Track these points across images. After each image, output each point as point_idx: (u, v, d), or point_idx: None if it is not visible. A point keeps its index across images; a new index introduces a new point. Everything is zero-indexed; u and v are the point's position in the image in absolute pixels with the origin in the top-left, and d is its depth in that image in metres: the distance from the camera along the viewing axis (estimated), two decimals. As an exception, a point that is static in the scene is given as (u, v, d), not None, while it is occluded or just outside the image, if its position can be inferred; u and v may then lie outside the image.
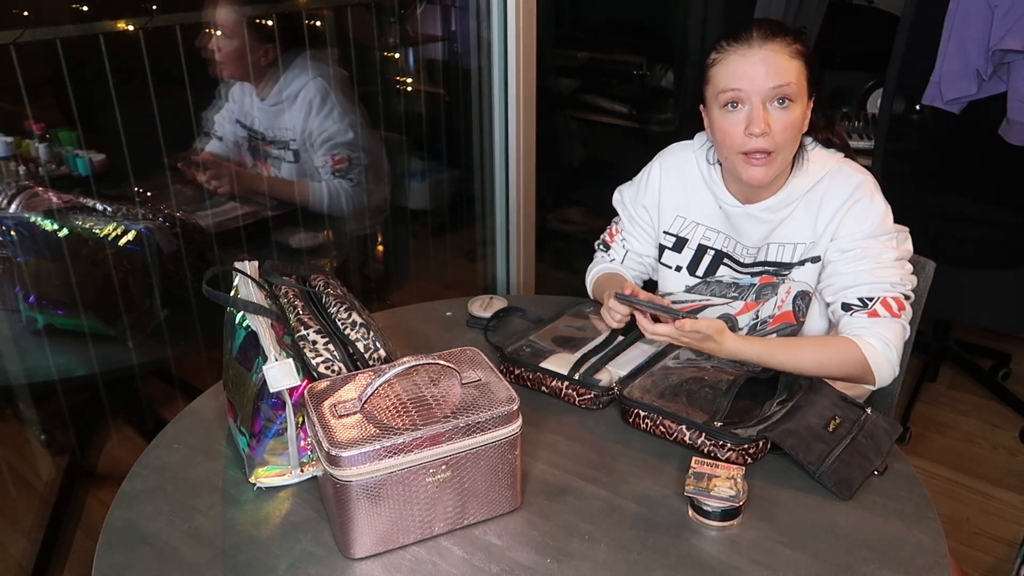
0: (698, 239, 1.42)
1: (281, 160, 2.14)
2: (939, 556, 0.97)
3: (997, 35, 2.05)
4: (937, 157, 2.42)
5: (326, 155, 2.09)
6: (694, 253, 1.43)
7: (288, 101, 2.08)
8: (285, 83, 2.07)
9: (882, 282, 1.25)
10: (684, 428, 1.14)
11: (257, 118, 2.14)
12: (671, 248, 1.45)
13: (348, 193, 2.12)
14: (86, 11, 1.90)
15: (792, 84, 1.22)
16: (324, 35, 2.23)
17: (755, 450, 1.11)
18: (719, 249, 1.41)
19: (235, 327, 1.11)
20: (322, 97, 2.07)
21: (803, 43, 1.25)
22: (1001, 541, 2.08)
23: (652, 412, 1.17)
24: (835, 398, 1.20)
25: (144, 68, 1.73)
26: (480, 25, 2.20)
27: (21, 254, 1.55)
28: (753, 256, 1.37)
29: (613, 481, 1.09)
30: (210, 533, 1.01)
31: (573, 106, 3.45)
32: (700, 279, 1.42)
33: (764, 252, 1.36)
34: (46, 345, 1.57)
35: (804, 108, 1.26)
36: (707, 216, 1.41)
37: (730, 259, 1.40)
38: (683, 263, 1.44)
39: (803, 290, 1.33)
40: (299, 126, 2.09)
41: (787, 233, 1.34)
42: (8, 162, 1.88)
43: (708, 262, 1.41)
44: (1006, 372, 2.76)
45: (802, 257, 1.33)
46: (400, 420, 0.94)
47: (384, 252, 2.58)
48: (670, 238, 1.45)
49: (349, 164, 2.11)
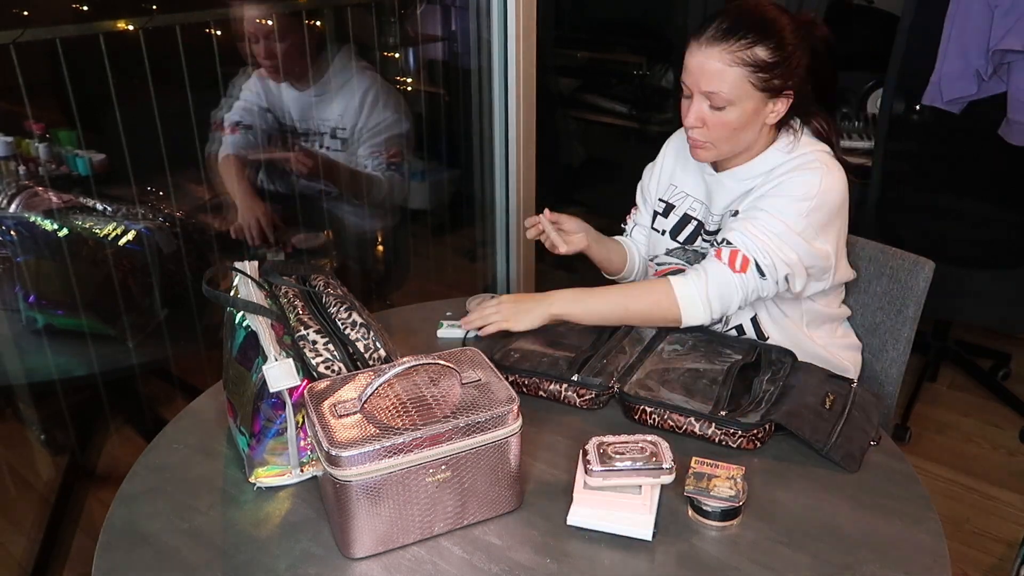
0: (684, 208, 1.48)
1: (325, 148, 2.13)
2: (939, 556, 0.97)
3: (997, 35, 2.05)
4: (937, 157, 2.43)
5: (380, 147, 2.09)
6: (678, 219, 1.48)
7: (339, 92, 2.08)
8: (334, 73, 2.09)
9: (750, 238, 1.28)
10: (693, 420, 1.15)
11: (291, 107, 2.13)
12: (661, 213, 1.52)
13: (399, 186, 2.13)
14: (86, 11, 1.90)
15: (721, 94, 1.26)
16: (324, 35, 2.23)
17: (763, 434, 1.13)
18: (700, 220, 1.45)
19: (235, 327, 1.11)
20: (376, 89, 2.09)
21: (764, 46, 1.25)
22: (1001, 541, 2.08)
23: (659, 407, 1.18)
24: (822, 376, 1.24)
25: (144, 68, 1.73)
26: (480, 25, 2.20)
27: (21, 254, 1.55)
28: (718, 224, 1.41)
29: (613, 481, 1.09)
30: (210, 533, 1.01)
31: (573, 106, 3.45)
32: (679, 245, 1.48)
33: (722, 221, 1.40)
34: (46, 345, 1.57)
35: (746, 110, 1.28)
36: (694, 187, 1.47)
37: (704, 230, 1.44)
38: (667, 227, 1.50)
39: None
40: (350, 117, 2.09)
41: (744, 203, 1.37)
42: (8, 162, 1.88)
43: (689, 231, 1.47)
44: (1006, 372, 2.76)
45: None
46: (400, 420, 0.94)
47: (384, 252, 2.58)
48: (661, 204, 1.52)
49: (403, 157, 2.12)
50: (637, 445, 1.02)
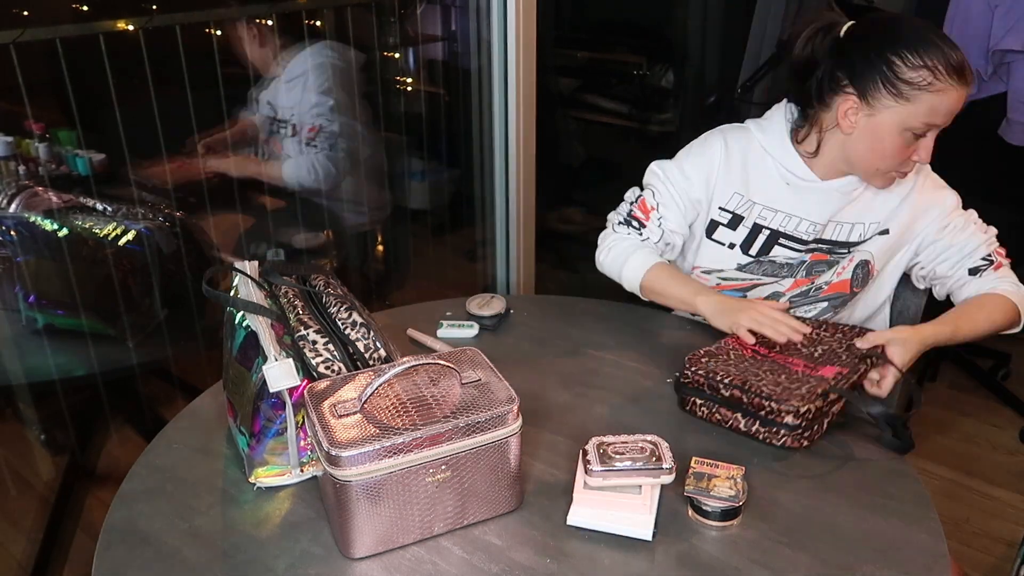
0: (754, 218, 1.42)
1: (285, 137, 2.17)
2: (939, 556, 0.97)
3: (997, 35, 2.05)
4: (937, 157, 2.42)
5: (306, 125, 2.12)
6: (749, 231, 1.42)
7: (294, 80, 2.13)
8: (295, 63, 2.14)
9: (988, 239, 1.39)
10: (740, 416, 1.16)
11: (275, 97, 2.20)
12: (725, 225, 1.44)
13: (314, 162, 2.12)
14: (86, 11, 1.90)
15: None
16: (324, 35, 2.23)
17: (809, 433, 1.13)
18: (775, 229, 1.41)
19: (235, 327, 1.11)
20: (319, 71, 2.12)
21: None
22: (1001, 541, 2.08)
23: (708, 400, 1.18)
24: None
25: (144, 68, 1.73)
26: (480, 25, 2.20)
27: (21, 254, 1.55)
28: (817, 233, 1.39)
29: (613, 481, 1.09)
30: (210, 533, 1.01)
31: (573, 106, 3.45)
32: (753, 258, 1.42)
33: (826, 230, 1.38)
34: (46, 345, 1.57)
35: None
36: (766, 195, 1.41)
37: (788, 238, 1.40)
38: (737, 241, 1.43)
39: (865, 259, 1.37)
40: (297, 100, 2.13)
41: (855, 212, 1.38)
42: (8, 162, 1.88)
43: (762, 241, 1.41)
44: (1006, 372, 2.76)
45: (869, 235, 1.38)
46: (400, 420, 0.94)
47: (384, 252, 2.58)
48: (725, 215, 1.43)
49: (319, 131, 2.13)
50: (637, 445, 1.02)
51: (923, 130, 1.27)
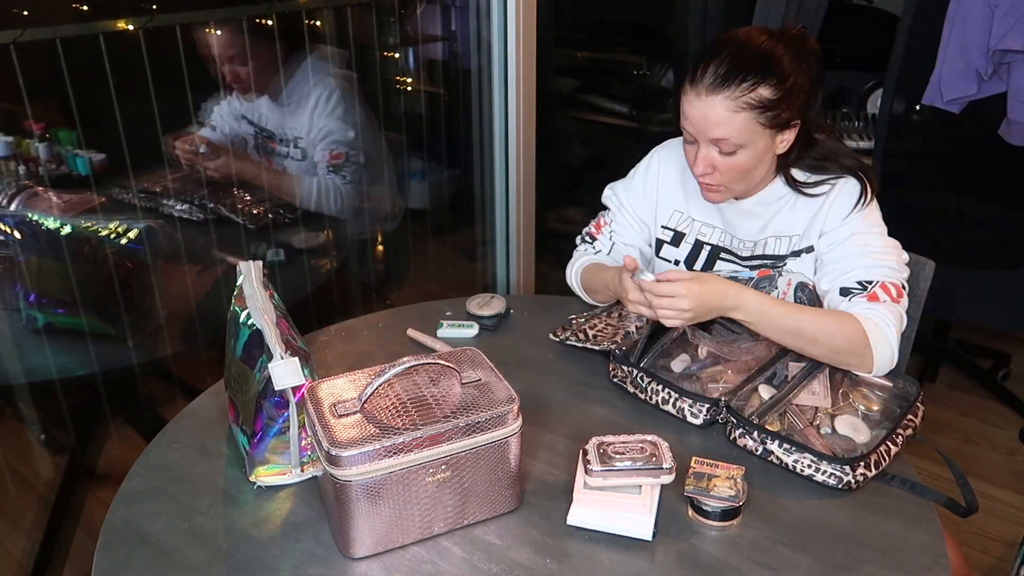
0: (695, 234, 1.43)
1: (288, 158, 2.15)
2: (939, 556, 0.97)
3: (997, 35, 2.05)
4: (937, 157, 2.43)
5: (324, 150, 2.10)
6: (691, 248, 1.43)
7: (301, 101, 2.10)
8: (296, 84, 2.10)
9: (880, 265, 1.24)
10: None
11: (268, 116, 2.16)
12: (669, 243, 1.46)
13: (340, 191, 2.12)
14: (86, 11, 1.90)
15: (731, 139, 1.22)
16: (324, 35, 2.23)
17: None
18: (715, 244, 1.41)
19: (239, 326, 1.11)
20: (328, 95, 2.09)
21: (767, 85, 1.19)
22: (1001, 541, 2.08)
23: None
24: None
25: (144, 68, 1.73)
26: (480, 25, 2.20)
27: (22, 253, 1.55)
28: (751, 249, 1.38)
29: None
30: (210, 533, 1.01)
31: (573, 106, 3.45)
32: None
33: (763, 246, 1.36)
34: (46, 344, 1.57)
35: (757, 149, 1.25)
36: (703, 212, 1.42)
37: (728, 253, 1.40)
38: (680, 257, 1.44)
39: (802, 281, 1.33)
40: (306, 124, 2.10)
41: (781, 226, 1.34)
42: (8, 162, 1.88)
43: (705, 257, 1.42)
44: (1006, 372, 2.76)
45: (795, 248, 1.33)
46: (400, 420, 0.94)
47: (384, 252, 2.58)
48: (668, 232, 1.46)
49: (346, 160, 2.11)
50: (637, 445, 1.02)
51: (690, 138, 1.28)
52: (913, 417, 1.18)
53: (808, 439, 1.11)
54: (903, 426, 1.15)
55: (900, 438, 1.13)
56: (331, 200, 2.11)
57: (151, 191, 1.98)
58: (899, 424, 1.14)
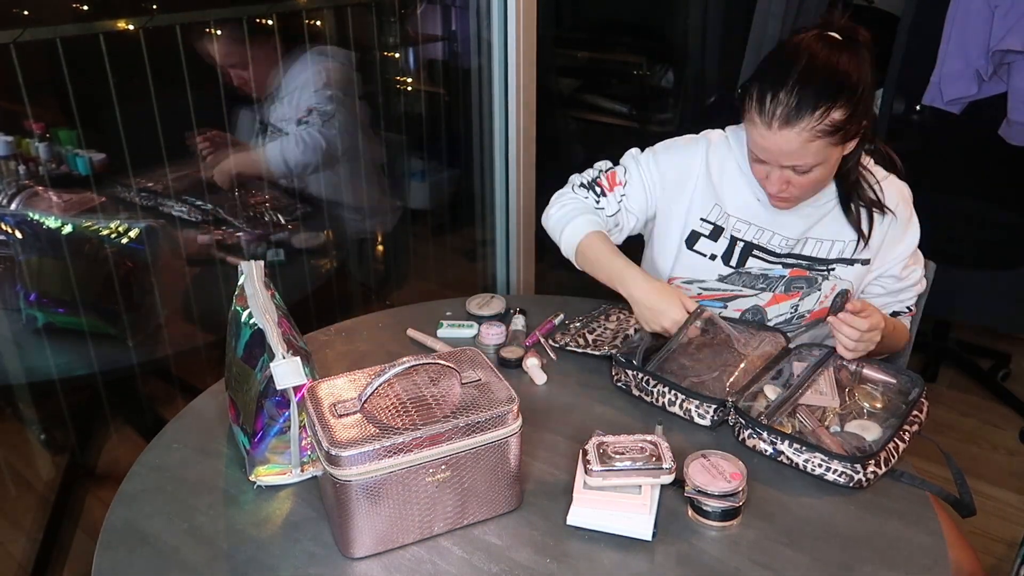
0: (730, 230, 1.41)
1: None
2: (939, 556, 0.97)
3: (997, 35, 2.05)
4: (937, 157, 2.43)
5: (295, 112, 2.13)
6: (728, 243, 1.41)
7: (294, 92, 2.13)
8: (292, 76, 2.13)
9: (918, 290, 1.46)
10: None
11: (269, 112, 2.19)
12: (707, 236, 1.42)
13: (307, 134, 2.11)
14: (86, 11, 1.90)
15: (807, 163, 1.24)
16: (324, 35, 2.23)
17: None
18: (748, 240, 1.40)
19: (240, 325, 1.11)
20: (315, 76, 2.12)
21: (839, 107, 1.19)
22: (1001, 541, 2.07)
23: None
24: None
25: (144, 68, 1.74)
26: (480, 25, 2.20)
27: (22, 252, 1.55)
28: (790, 247, 1.38)
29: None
30: (210, 533, 1.01)
31: (573, 106, 3.45)
32: (733, 269, 1.41)
33: (802, 245, 1.38)
34: (46, 344, 1.57)
35: (830, 163, 1.27)
36: (739, 208, 1.40)
37: (761, 250, 1.40)
38: (718, 252, 1.42)
39: (845, 288, 1.35)
40: (293, 111, 2.14)
41: (826, 229, 1.36)
42: (8, 161, 1.88)
43: (739, 254, 1.41)
44: (1006, 372, 2.76)
45: (847, 255, 1.37)
46: (400, 420, 0.94)
47: (384, 252, 2.58)
48: (707, 225, 1.42)
49: (309, 113, 2.13)
50: (637, 445, 1.02)
51: (757, 156, 1.29)
52: (919, 413, 1.18)
53: (821, 440, 1.11)
54: (909, 422, 1.15)
55: (907, 435, 1.14)
56: (294, 147, 2.11)
57: (152, 190, 1.98)
58: (905, 420, 1.15)
